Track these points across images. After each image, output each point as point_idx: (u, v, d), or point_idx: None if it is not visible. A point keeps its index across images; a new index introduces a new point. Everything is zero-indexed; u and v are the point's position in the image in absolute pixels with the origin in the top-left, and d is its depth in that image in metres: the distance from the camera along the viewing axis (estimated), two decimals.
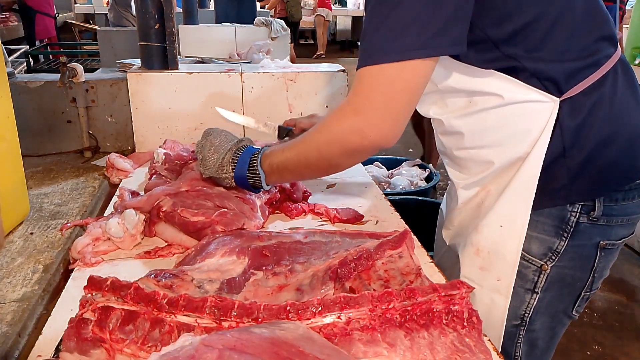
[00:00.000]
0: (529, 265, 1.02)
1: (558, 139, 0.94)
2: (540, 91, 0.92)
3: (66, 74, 1.48)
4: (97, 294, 0.70)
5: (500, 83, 0.94)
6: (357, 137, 0.91)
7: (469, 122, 1.01)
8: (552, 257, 1.01)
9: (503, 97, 0.94)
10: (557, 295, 1.05)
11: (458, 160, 1.09)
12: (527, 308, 1.05)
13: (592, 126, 0.94)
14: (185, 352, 0.55)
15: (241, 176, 1.03)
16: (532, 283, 1.03)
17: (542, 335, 1.09)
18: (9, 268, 0.95)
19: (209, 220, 1.01)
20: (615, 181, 0.98)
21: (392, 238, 0.90)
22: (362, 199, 1.28)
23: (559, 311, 1.08)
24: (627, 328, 2.41)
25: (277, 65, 1.83)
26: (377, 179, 2.83)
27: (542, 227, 1.00)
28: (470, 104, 0.99)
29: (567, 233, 0.99)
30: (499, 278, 1.02)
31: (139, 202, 1.06)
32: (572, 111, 0.93)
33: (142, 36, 1.57)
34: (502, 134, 0.98)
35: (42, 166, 1.49)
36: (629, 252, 3.08)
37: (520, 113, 0.95)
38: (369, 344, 0.65)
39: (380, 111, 0.88)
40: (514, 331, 1.08)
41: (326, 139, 0.95)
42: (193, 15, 3.51)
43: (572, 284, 1.04)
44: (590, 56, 0.94)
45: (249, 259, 0.89)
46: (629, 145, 0.97)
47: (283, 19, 7.25)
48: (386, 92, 0.87)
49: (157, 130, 1.60)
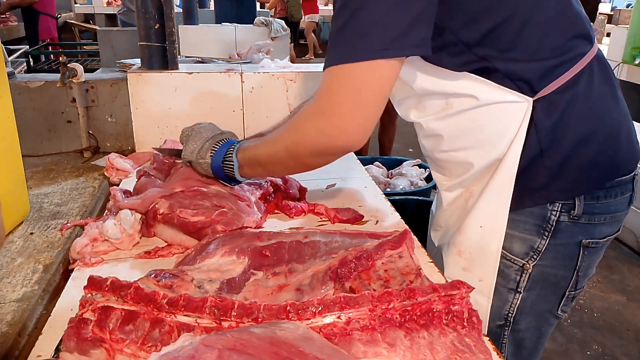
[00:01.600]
0: (511, 264, 1.02)
1: (534, 139, 0.94)
2: (513, 91, 0.92)
3: (66, 74, 1.48)
4: (97, 294, 0.71)
5: (474, 84, 0.94)
6: (325, 138, 0.90)
7: (447, 124, 1.00)
8: (534, 257, 1.00)
9: (478, 99, 0.94)
10: (541, 294, 1.04)
11: (440, 163, 1.09)
12: (511, 308, 1.05)
13: (568, 125, 0.94)
14: (185, 352, 0.55)
15: (217, 163, 1.05)
16: (514, 282, 1.03)
17: (528, 336, 1.09)
18: (9, 268, 0.95)
19: (209, 220, 1.01)
20: (596, 179, 0.97)
21: (392, 238, 0.91)
22: (362, 199, 1.28)
23: (545, 311, 1.07)
24: (627, 328, 2.41)
25: (277, 65, 1.83)
26: (377, 179, 2.83)
27: (523, 227, 0.99)
28: (446, 106, 0.99)
29: (547, 232, 0.98)
30: (481, 279, 1.02)
31: (134, 204, 1.06)
32: (546, 110, 0.93)
33: (142, 36, 1.57)
34: (479, 135, 0.98)
35: (42, 166, 1.49)
36: (629, 252, 3.08)
37: (495, 114, 0.95)
38: (369, 344, 0.65)
39: (347, 114, 0.87)
40: (499, 331, 1.08)
41: (294, 139, 0.94)
42: (193, 15, 3.51)
43: (556, 283, 1.04)
44: (564, 54, 0.93)
45: (249, 259, 0.89)
46: (608, 142, 0.96)
47: (283, 19, 7.25)
48: (351, 94, 0.86)
49: (157, 130, 1.60)
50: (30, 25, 5.63)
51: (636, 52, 4.08)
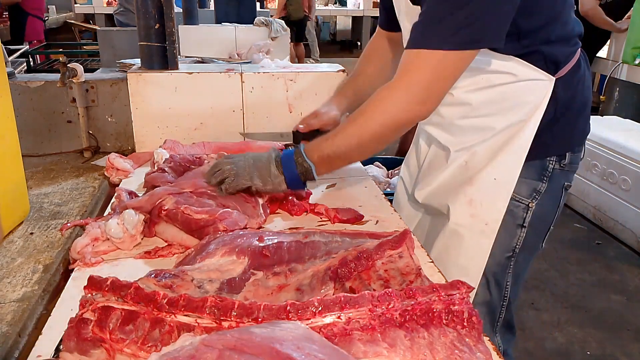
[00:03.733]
0: (518, 204, 1.21)
1: (552, 108, 1.14)
2: (543, 72, 1.11)
3: (66, 74, 1.48)
4: (97, 294, 0.71)
5: (514, 65, 1.11)
6: (406, 112, 1.05)
7: (478, 95, 1.16)
8: (536, 197, 1.21)
9: (516, 75, 1.12)
10: (536, 229, 1.26)
11: (456, 128, 1.23)
12: (518, 241, 1.24)
13: (576, 98, 1.18)
14: (185, 352, 0.55)
15: (292, 174, 1.09)
16: (521, 219, 1.22)
17: (522, 267, 1.31)
18: (9, 268, 0.95)
19: (212, 218, 1.01)
20: (581, 138, 1.25)
21: (392, 238, 0.91)
22: (362, 199, 1.28)
23: (536, 243, 1.29)
24: (627, 328, 2.41)
25: (277, 65, 1.83)
26: (377, 179, 2.83)
27: (529, 174, 1.19)
28: (482, 80, 1.14)
29: (546, 177, 1.21)
30: (487, 222, 1.20)
31: (140, 202, 1.06)
32: (564, 86, 1.14)
33: (142, 36, 1.57)
34: (505, 104, 1.15)
35: (42, 166, 1.49)
36: (629, 252, 3.08)
37: (524, 88, 1.13)
38: (369, 344, 0.65)
39: (428, 90, 1.03)
40: (506, 262, 1.26)
41: (381, 117, 1.06)
42: (193, 15, 3.51)
43: (545, 219, 1.27)
44: (573, 40, 1.15)
45: (249, 259, 0.89)
46: (588, 111, 1.25)
47: (283, 18, 7.23)
48: (436, 75, 1.01)
49: (157, 130, 1.60)
50: (16, 26, 5.57)
51: (636, 52, 4.07)
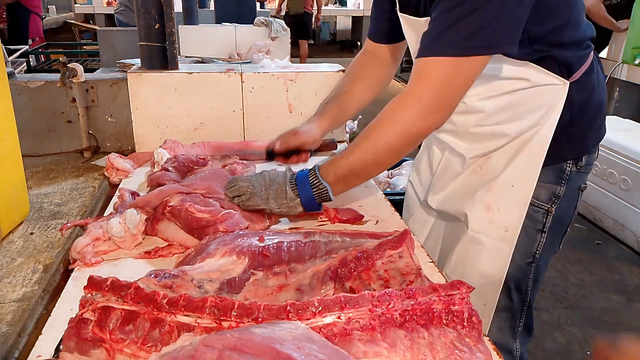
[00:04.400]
0: (538, 209, 1.20)
1: (567, 112, 1.12)
2: (557, 76, 1.09)
3: (66, 74, 1.48)
4: (97, 294, 0.71)
5: (528, 70, 1.08)
6: (420, 122, 1.02)
7: (493, 102, 1.14)
8: (555, 201, 1.20)
9: (530, 81, 1.09)
10: (555, 233, 1.25)
11: (470, 136, 1.21)
12: (538, 246, 1.23)
13: (591, 100, 1.16)
14: (185, 352, 0.55)
15: (308, 196, 1.06)
16: (541, 224, 1.21)
17: (542, 271, 1.30)
18: (9, 268, 0.95)
19: (213, 218, 1.01)
20: (596, 140, 1.24)
21: (392, 238, 0.91)
22: (362, 199, 1.28)
23: (553, 247, 1.28)
24: (627, 328, 2.41)
25: (277, 65, 1.83)
26: (377, 179, 2.83)
27: (547, 178, 1.17)
28: (495, 88, 1.12)
29: (564, 181, 1.19)
30: (507, 229, 1.19)
31: (150, 196, 1.07)
32: (579, 90, 1.12)
33: (142, 36, 1.56)
34: (519, 110, 1.13)
35: (42, 166, 1.49)
36: (629, 252, 3.08)
37: (537, 93, 1.11)
38: (369, 344, 0.65)
39: (441, 98, 1.00)
40: (527, 268, 1.25)
41: (394, 130, 1.03)
42: (193, 15, 3.51)
43: (564, 222, 1.25)
44: (585, 42, 1.14)
45: (249, 259, 0.89)
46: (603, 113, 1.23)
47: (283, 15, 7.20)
48: (448, 82, 0.98)
49: (157, 130, 1.60)
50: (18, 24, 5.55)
51: (636, 52, 4.07)
